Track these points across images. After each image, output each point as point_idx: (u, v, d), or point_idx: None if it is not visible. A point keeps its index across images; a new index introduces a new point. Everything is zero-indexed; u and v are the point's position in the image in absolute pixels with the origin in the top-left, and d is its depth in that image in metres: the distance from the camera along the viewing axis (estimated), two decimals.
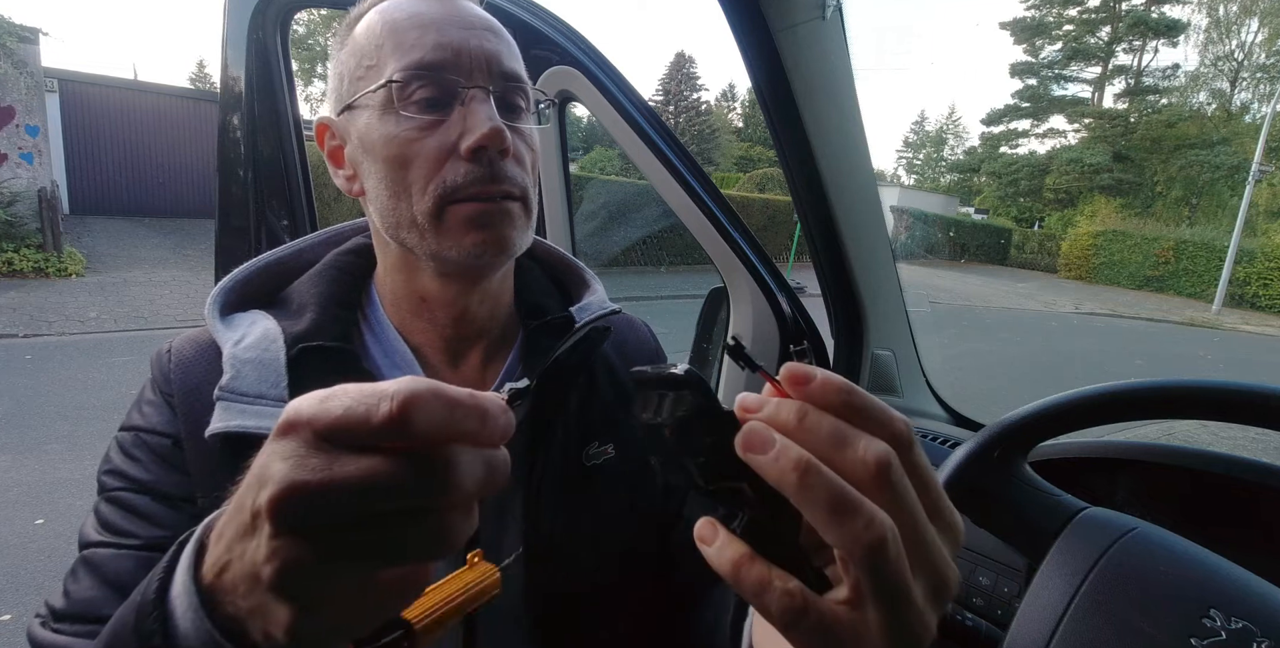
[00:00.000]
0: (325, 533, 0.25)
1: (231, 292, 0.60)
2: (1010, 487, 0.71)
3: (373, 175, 0.55)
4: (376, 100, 0.53)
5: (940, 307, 12.09)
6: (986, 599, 0.81)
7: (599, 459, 0.62)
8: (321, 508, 0.25)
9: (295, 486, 0.24)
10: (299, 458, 0.25)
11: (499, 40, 0.56)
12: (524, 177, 0.56)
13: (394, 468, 0.25)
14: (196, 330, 0.60)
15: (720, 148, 37.02)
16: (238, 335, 0.55)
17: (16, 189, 8.21)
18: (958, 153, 45.12)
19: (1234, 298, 16.81)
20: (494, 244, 0.53)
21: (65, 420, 3.99)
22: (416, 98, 0.52)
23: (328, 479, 0.24)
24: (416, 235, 0.54)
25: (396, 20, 0.54)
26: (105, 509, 0.52)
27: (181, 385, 0.55)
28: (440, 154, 0.52)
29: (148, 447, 0.54)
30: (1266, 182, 20.28)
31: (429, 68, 0.52)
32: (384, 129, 0.53)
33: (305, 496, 0.24)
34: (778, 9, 0.92)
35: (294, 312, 0.58)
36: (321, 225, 1.06)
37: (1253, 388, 0.60)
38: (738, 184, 21.81)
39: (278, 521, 0.25)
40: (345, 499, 0.25)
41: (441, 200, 0.52)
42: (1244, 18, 27.73)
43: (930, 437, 1.12)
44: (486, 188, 0.52)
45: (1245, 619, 0.54)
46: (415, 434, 0.25)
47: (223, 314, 0.58)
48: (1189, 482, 0.83)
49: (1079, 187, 28.81)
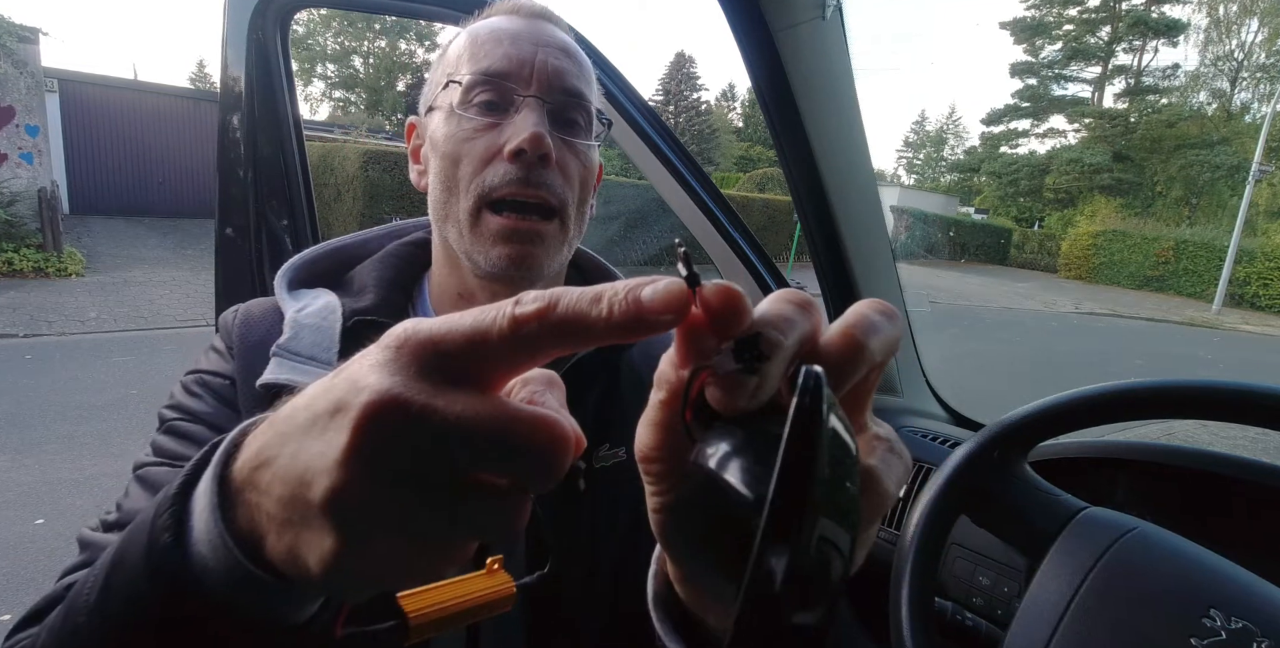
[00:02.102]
0: (402, 464, 0.22)
1: (301, 269, 0.65)
2: (1010, 487, 0.71)
3: (432, 170, 0.60)
4: (445, 102, 0.58)
5: (940, 307, 12.09)
6: (986, 599, 0.81)
7: (608, 462, 0.62)
8: (418, 437, 0.22)
9: (401, 401, 0.21)
10: (407, 376, 0.22)
11: (569, 60, 0.59)
12: (565, 189, 0.58)
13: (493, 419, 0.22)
14: (266, 297, 0.65)
15: (720, 148, 37.04)
16: (301, 304, 0.60)
17: (16, 189, 8.21)
18: (958, 153, 45.17)
19: (1234, 298, 16.82)
20: (519, 261, 0.56)
21: (65, 421, 3.98)
22: (477, 100, 0.57)
23: (435, 409, 0.21)
24: (456, 232, 0.58)
25: (479, 35, 0.59)
26: (161, 439, 0.55)
27: (241, 339, 0.60)
28: (487, 155, 0.56)
29: (208, 387, 0.58)
30: (1266, 181, 20.29)
31: (493, 75, 0.56)
32: (446, 128, 0.58)
33: (406, 416, 0.21)
34: (778, 9, 0.92)
35: (356, 292, 0.63)
36: (321, 226, 1.06)
37: (1253, 388, 0.60)
38: (738, 184, 21.83)
39: (365, 428, 0.21)
40: (444, 438, 0.22)
41: (480, 200, 0.56)
42: (1244, 18, 27.76)
43: (930, 437, 1.12)
44: (521, 190, 0.55)
45: (1245, 619, 0.54)
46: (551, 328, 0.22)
47: (290, 288, 0.63)
48: (1189, 482, 0.83)
49: (1079, 186, 28.83)
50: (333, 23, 28.29)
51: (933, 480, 0.71)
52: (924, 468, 1.02)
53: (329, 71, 29.80)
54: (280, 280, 0.63)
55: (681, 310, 0.22)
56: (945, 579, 0.86)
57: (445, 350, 0.22)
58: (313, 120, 19.96)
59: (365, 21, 28.25)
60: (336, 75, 29.87)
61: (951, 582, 0.85)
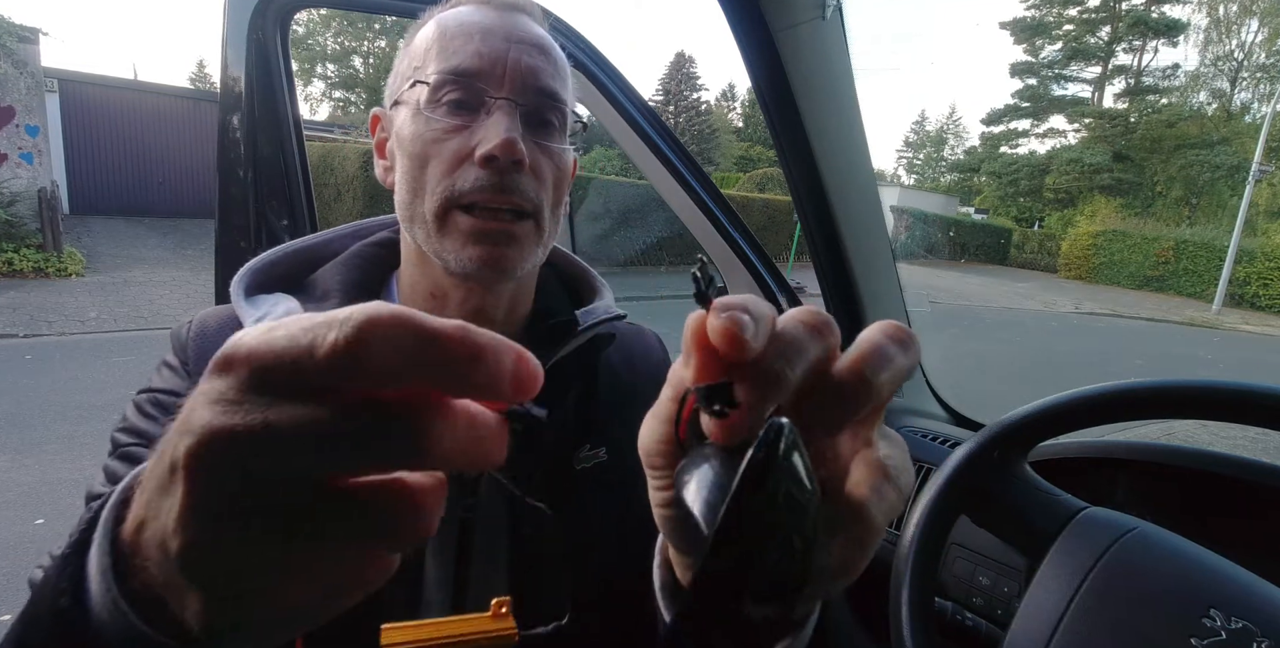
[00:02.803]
0: (248, 500, 0.20)
1: (259, 273, 0.62)
2: (1010, 487, 0.71)
3: (398, 169, 0.57)
4: (412, 99, 0.55)
5: (940, 307, 12.09)
6: (986, 599, 0.81)
7: (589, 463, 0.61)
8: (247, 466, 0.19)
9: (218, 433, 0.19)
10: (228, 402, 0.20)
11: (543, 57, 0.56)
12: (539, 193, 0.56)
13: (339, 417, 0.19)
14: (222, 306, 0.61)
15: (720, 148, 37.02)
16: (260, 313, 0.57)
17: (16, 189, 8.21)
18: (958, 153, 45.15)
19: (1234, 298, 16.82)
20: (490, 262, 0.54)
21: (65, 421, 3.98)
22: (445, 100, 0.54)
23: (257, 427, 0.19)
24: (424, 233, 0.56)
25: (448, 27, 0.56)
26: (115, 464, 0.53)
27: (197, 355, 0.57)
28: (456, 158, 0.53)
29: (162, 406, 0.56)
30: (1266, 181, 20.29)
31: (462, 74, 0.53)
32: (413, 127, 0.55)
33: (229, 448, 0.19)
34: (778, 9, 0.92)
35: (318, 297, 0.60)
36: (321, 226, 1.06)
37: (1253, 388, 0.60)
38: (738, 184, 21.83)
39: (193, 477, 0.20)
40: (277, 456, 0.19)
41: (447, 202, 0.54)
42: (1244, 18, 27.76)
43: (930, 437, 1.12)
44: (493, 197, 0.53)
45: (1245, 619, 0.54)
46: (372, 372, 0.19)
47: (248, 295, 0.59)
48: (1189, 482, 0.83)
49: (1079, 186, 28.82)
50: (333, 23, 28.28)
51: (933, 481, 0.71)
52: (924, 468, 1.02)
53: (329, 71, 29.78)
54: (237, 287, 0.59)
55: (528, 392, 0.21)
56: (945, 579, 0.86)
57: (268, 366, 0.20)
58: (313, 120, 19.97)
59: (365, 21, 28.23)
60: (336, 75, 29.85)
61: (951, 582, 0.85)
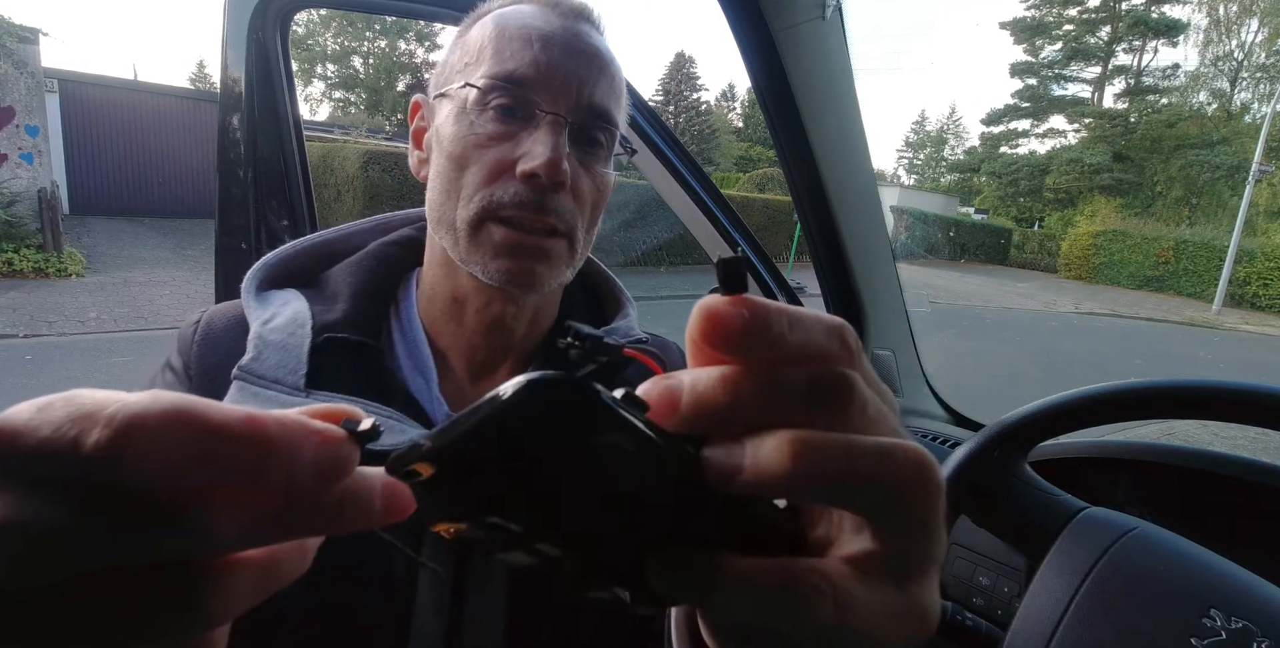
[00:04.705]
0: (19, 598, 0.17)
1: (273, 268, 0.60)
2: (1010, 487, 0.71)
3: (434, 167, 0.56)
4: (460, 96, 0.53)
5: (940, 307, 12.09)
6: (986, 599, 0.81)
7: None
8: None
9: None
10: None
11: (600, 72, 0.54)
12: (575, 214, 0.54)
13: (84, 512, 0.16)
14: (231, 303, 0.59)
15: (720, 148, 37.04)
16: (268, 314, 0.55)
17: (16, 189, 8.21)
18: (958, 153, 45.14)
19: (1234, 298, 16.82)
20: (518, 277, 0.53)
21: None
22: (494, 105, 0.52)
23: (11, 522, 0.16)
24: (452, 239, 0.54)
25: (507, 27, 0.53)
26: None
27: (200, 360, 0.56)
28: (497, 167, 0.52)
29: None
30: (1266, 181, 20.29)
31: (515, 82, 0.51)
32: (456, 127, 0.53)
33: None
34: (778, 9, 0.92)
35: (328, 298, 0.59)
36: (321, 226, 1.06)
37: (1253, 388, 0.60)
38: (738, 184, 21.84)
39: None
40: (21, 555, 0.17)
41: (484, 213, 0.52)
42: (1244, 18, 27.75)
43: (930, 437, 1.12)
44: (530, 215, 0.52)
45: (1245, 619, 0.54)
46: (145, 472, 0.16)
47: (259, 290, 0.58)
48: (1189, 482, 0.83)
49: (1079, 187, 28.82)
50: (333, 23, 28.29)
51: None
52: None
53: (329, 72, 29.78)
54: (249, 283, 0.58)
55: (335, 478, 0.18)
56: (945, 579, 0.86)
57: (27, 455, 0.17)
58: (313, 120, 19.95)
59: (365, 21, 28.25)
60: (336, 75, 29.86)
61: (951, 582, 0.85)
